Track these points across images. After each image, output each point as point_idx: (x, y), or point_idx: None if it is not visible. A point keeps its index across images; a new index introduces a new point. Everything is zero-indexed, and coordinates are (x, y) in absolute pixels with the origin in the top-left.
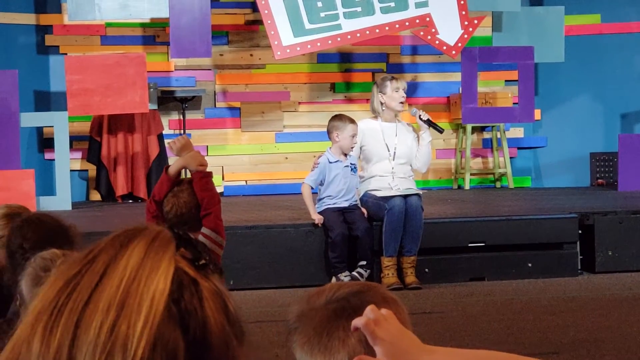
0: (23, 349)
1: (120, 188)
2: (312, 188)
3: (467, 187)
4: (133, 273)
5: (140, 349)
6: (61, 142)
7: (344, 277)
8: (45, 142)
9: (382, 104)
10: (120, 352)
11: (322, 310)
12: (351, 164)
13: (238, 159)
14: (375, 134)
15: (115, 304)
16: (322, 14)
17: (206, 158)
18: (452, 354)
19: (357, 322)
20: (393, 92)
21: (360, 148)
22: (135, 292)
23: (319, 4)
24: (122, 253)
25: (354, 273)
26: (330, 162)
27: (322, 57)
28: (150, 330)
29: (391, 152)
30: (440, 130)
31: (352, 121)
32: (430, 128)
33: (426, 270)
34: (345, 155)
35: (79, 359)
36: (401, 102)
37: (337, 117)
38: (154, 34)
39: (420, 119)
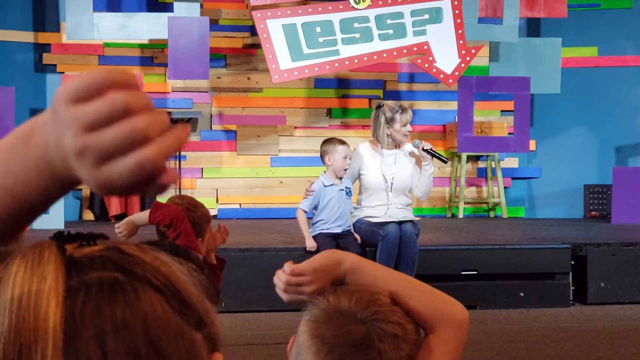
0: None
1: (114, 208)
2: (306, 213)
3: (460, 215)
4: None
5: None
6: None
7: None
8: None
9: (388, 135)
10: None
11: (348, 324)
12: (346, 187)
13: (233, 182)
14: (375, 163)
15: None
16: (321, 39)
17: (201, 180)
18: (372, 263)
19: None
20: (401, 126)
21: (360, 175)
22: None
23: (318, 29)
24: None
25: None
26: (325, 186)
27: (319, 82)
28: None
29: (389, 184)
30: (445, 160)
31: (342, 142)
32: (434, 158)
33: None
34: (340, 178)
35: None
36: (406, 135)
37: (327, 141)
38: (152, 55)
39: (424, 149)
